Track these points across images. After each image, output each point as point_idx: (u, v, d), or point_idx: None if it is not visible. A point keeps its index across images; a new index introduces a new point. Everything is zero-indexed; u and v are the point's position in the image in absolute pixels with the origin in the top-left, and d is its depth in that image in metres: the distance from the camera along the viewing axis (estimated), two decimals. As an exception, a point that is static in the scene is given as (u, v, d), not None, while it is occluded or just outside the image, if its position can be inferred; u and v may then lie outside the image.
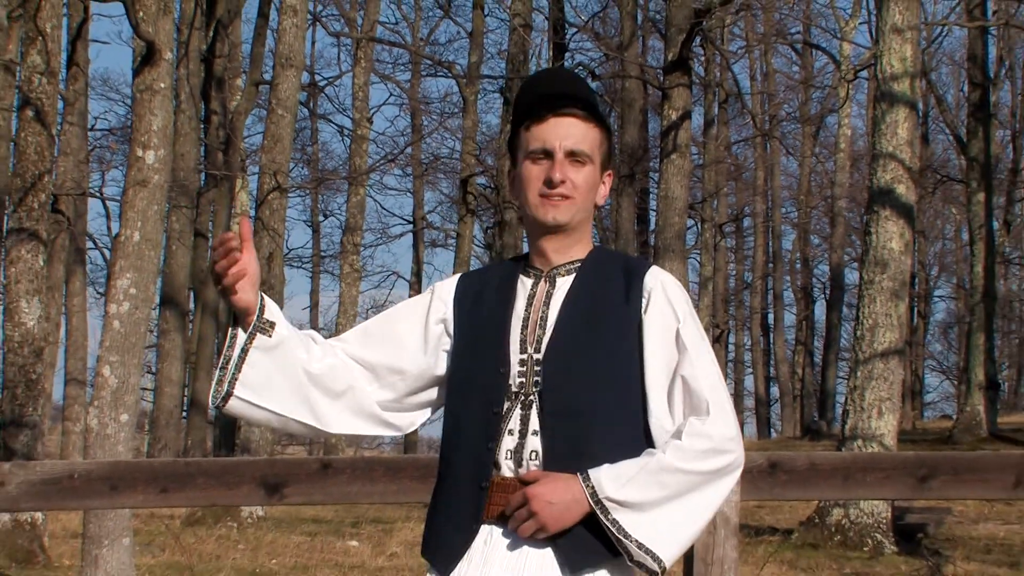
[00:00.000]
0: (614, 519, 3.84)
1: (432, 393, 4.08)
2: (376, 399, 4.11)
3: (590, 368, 3.93)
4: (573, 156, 3.87)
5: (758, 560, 16.28)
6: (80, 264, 32.91)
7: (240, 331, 3.80)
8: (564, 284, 4.00)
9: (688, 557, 6.95)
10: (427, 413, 4.16)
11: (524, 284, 4.03)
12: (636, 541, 3.86)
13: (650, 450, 3.96)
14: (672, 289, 3.98)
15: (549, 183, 3.82)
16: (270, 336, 3.82)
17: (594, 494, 3.81)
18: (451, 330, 4.01)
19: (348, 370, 4.08)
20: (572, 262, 4.00)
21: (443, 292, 4.08)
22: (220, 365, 3.93)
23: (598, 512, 3.85)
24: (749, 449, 6.35)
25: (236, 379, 3.88)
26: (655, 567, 3.91)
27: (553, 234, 3.93)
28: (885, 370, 19.30)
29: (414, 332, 4.08)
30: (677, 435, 3.93)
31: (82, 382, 29.80)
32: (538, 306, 4.02)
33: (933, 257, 48.07)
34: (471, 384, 3.98)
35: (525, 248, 4.36)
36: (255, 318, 3.78)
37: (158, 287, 20.13)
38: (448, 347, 4.02)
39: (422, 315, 4.08)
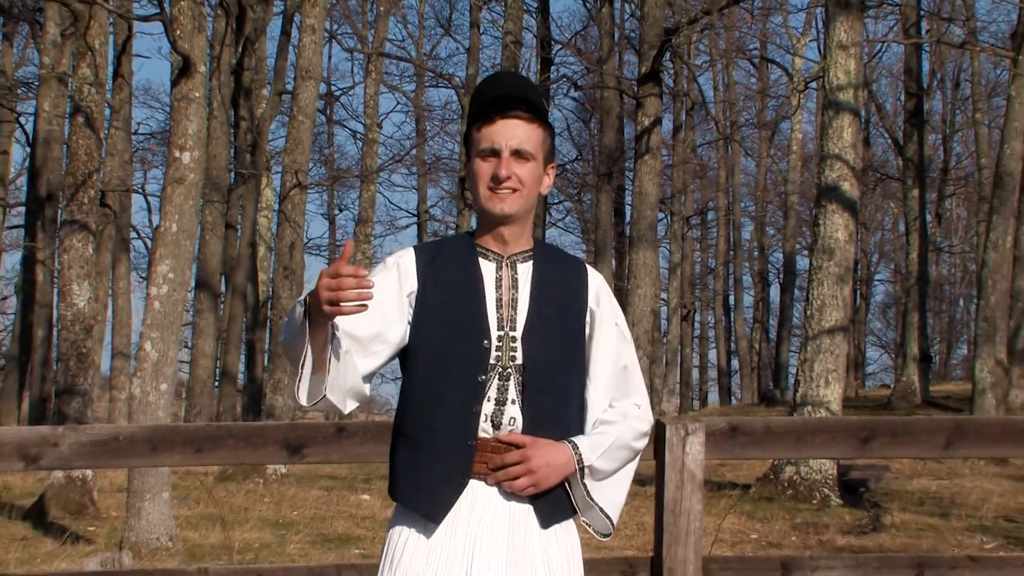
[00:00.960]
0: (587, 483, 4.09)
1: (389, 359, 4.16)
2: (362, 371, 4.15)
3: (560, 349, 4.12)
4: (518, 154, 4.03)
5: (720, 512, 16.60)
6: (125, 252, 33.73)
7: (332, 339, 3.86)
8: (524, 270, 4.16)
9: (658, 509, 7.07)
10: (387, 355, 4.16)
11: (488, 267, 4.15)
12: (599, 506, 4.14)
13: (606, 426, 4.17)
14: (607, 287, 4.25)
15: (496, 179, 3.99)
16: (342, 347, 3.94)
17: (580, 460, 4.04)
18: (414, 302, 4.10)
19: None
20: (525, 251, 4.17)
21: (406, 266, 4.14)
22: (305, 367, 3.94)
23: (579, 476, 4.08)
24: (712, 415, 7.29)
25: (327, 380, 3.96)
26: (609, 529, 4.20)
27: (504, 224, 4.08)
28: (831, 345, 19.84)
29: (391, 304, 4.12)
30: (621, 416, 4.19)
31: (126, 355, 30.86)
32: (507, 289, 4.14)
33: (874, 246, 50.80)
34: (453, 355, 4.07)
35: None
36: (332, 331, 3.85)
37: (193, 272, 20.34)
38: (410, 317, 4.10)
39: (395, 289, 4.13)
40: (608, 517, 4.13)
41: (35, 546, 16.39)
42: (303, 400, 3.91)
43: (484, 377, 4.00)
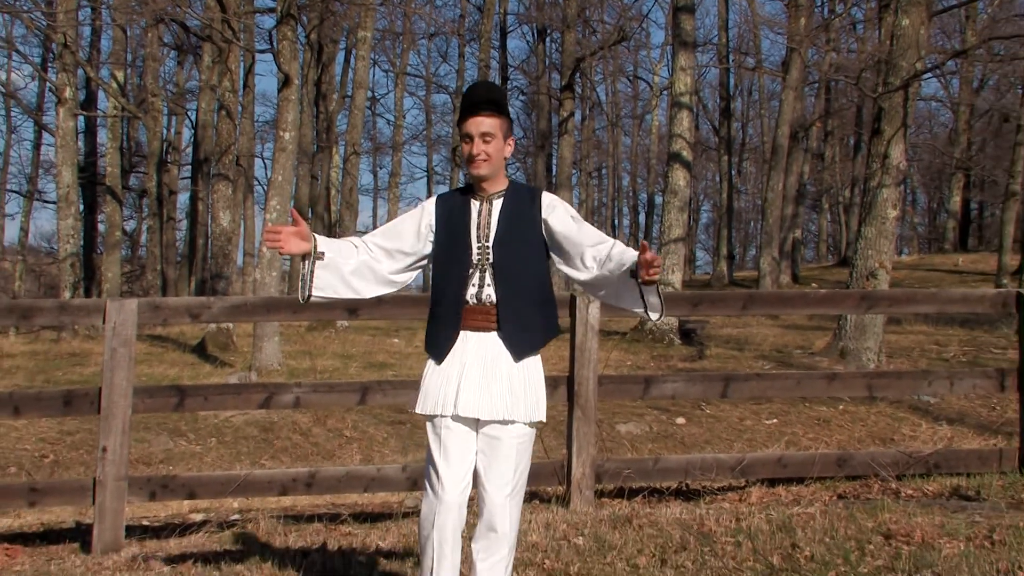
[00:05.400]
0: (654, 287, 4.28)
1: (419, 264, 4.57)
2: (389, 270, 4.54)
3: (518, 251, 4.40)
4: (484, 137, 4.36)
5: (608, 348, 17.92)
6: (250, 192, 40.98)
7: (307, 261, 4.41)
8: (497, 203, 4.47)
9: (572, 347, 7.37)
10: (415, 274, 4.60)
11: (474, 204, 4.48)
12: (658, 295, 4.35)
13: (585, 260, 4.40)
14: (558, 199, 4.54)
15: (471, 155, 4.38)
16: (323, 260, 4.40)
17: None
18: (434, 228, 4.48)
19: (373, 257, 4.52)
20: (499, 191, 4.49)
21: (429, 207, 4.53)
22: (300, 280, 4.47)
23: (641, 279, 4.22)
24: None
25: (310, 286, 4.43)
26: (662, 311, 4.42)
27: (481, 180, 4.45)
28: (675, 249, 21.42)
29: (411, 230, 4.51)
30: (610, 246, 4.38)
31: (251, 255, 37.12)
32: (484, 215, 4.44)
33: (701, 190, 61.84)
34: (450, 258, 4.43)
35: None
36: (312, 253, 4.39)
37: (290, 204, 21.44)
38: (432, 238, 4.49)
39: (416, 221, 4.51)
40: (661, 300, 4.38)
41: (198, 369, 18.08)
42: (300, 299, 4.47)
43: (469, 271, 4.38)
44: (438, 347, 4.37)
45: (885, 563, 5.42)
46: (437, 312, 4.42)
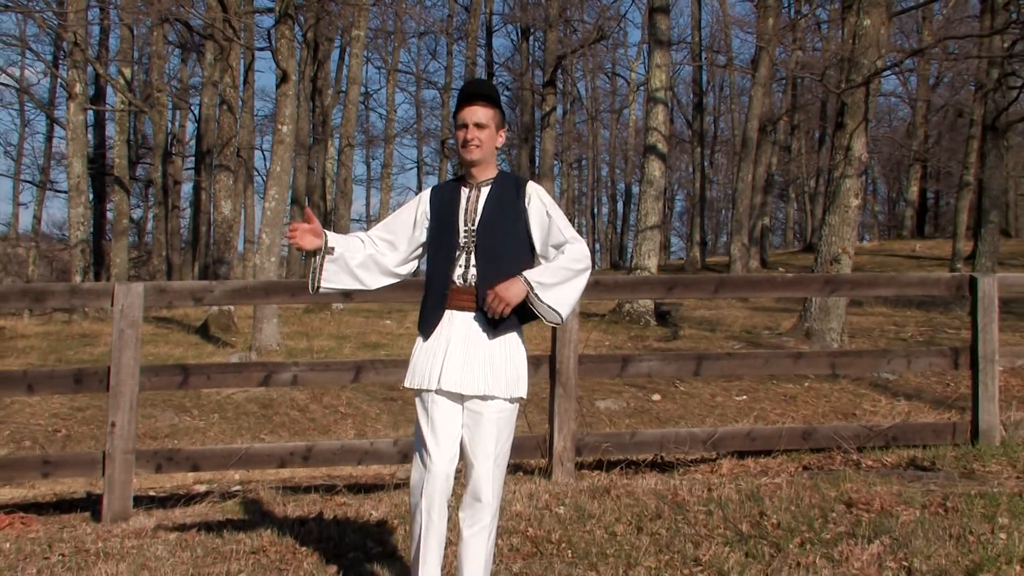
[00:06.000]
0: (536, 292, 4.23)
1: (418, 252, 4.60)
2: (392, 263, 4.57)
3: (501, 235, 4.39)
4: (478, 125, 4.40)
5: (588, 329, 18.31)
6: (250, 182, 40.49)
7: (318, 255, 4.47)
8: (485, 191, 4.47)
9: (552, 329, 7.32)
10: (416, 263, 4.64)
11: (464, 191, 4.50)
12: (548, 305, 4.26)
13: (546, 260, 4.35)
14: (541, 191, 4.51)
15: (465, 141, 4.41)
16: (333, 255, 4.47)
17: (527, 280, 4.22)
18: (429, 216, 4.53)
19: (378, 251, 4.56)
20: (488, 179, 4.49)
21: (424, 197, 4.59)
22: (311, 272, 4.52)
23: (531, 289, 4.23)
24: None
25: (320, 278, 4.50)
26: (557, 319, 4.34)
27: (473, 166, 4.46)
28: (651, 236, 21.27)
29: (409, 220, 4.56)
30: (561, 252, 4.34)
31: (251, 241, 36.89)
32: (472, 202, 4.45)
33: (675, 180, 61.21)
34: (440, 243, 4.45)
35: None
36: (323, 248, 4.47)
37: (289, 194, 22.47)
38: (427, 226, 4.53)
39: (414, 211, 4.57)
40: (556, 311, 4.30)
41: (201, 349, 18.06)
42: (310, 290, 4.56)
43: (456, 253, 4.40)
44: (426, 325, 4.38)
45: (847, 530, 5.45)
46: (428, 293, 4.42)
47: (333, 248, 4.43)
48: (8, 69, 42.82)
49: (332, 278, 4.47)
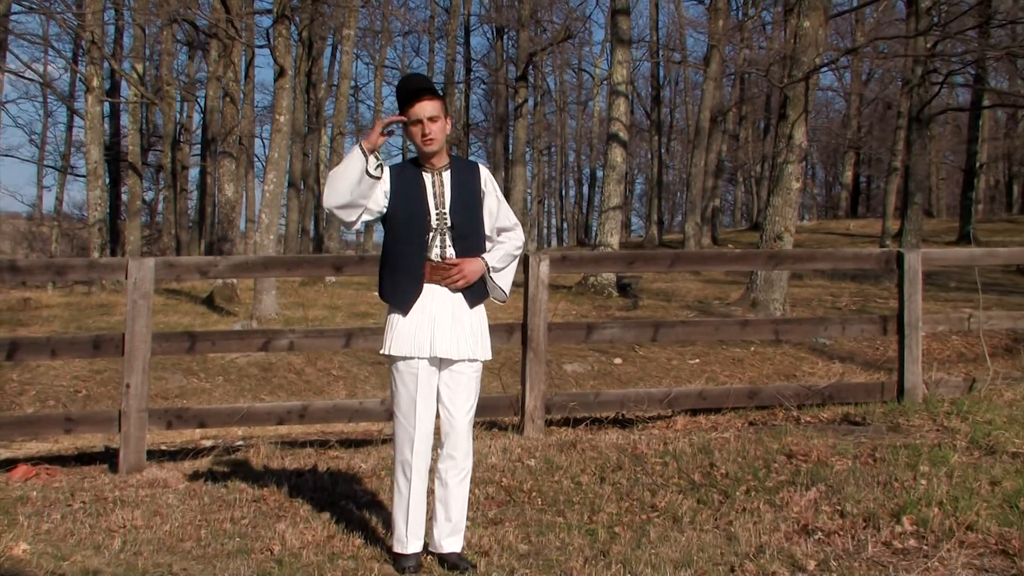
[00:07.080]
0: (491, 275, 4.43)
1: (369, 218, 4.42)
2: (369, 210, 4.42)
3: (471, 214, 4.43)
4: (430, 118, 4.32)
5: (557, 300, 17.89)
6: (251, 167, 38.87)
7: (371, 160, 4.28)
8: (446, 176, 4.45)
9: (525, 298, 7.37)
10: (372, 215, 4.43)
11: (426, 176, 4.44)
12: (499, 286, 4.49)
13: (497, 245, 4.50)
14: (491, 177, 4.55)
15: (423, 135, 4.34)
16: (378, 176, 4.33)
17: (487, 264, 4.40)
18: (388, 195, 4.40)
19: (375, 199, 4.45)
20: (445, 164, 4.47)
21: (384, 176, 4.41)
22: (367, 172, 4.29)
23: (489, 271, 4.43)
24: (552, 251, 8.73)
25: (373, 173, 4.32)
26: (503, 297, 4.54)
27: (431, 156, 4.41)
28: (614, 216, 21.19)
29: (379, 189, 4.38)
30: (506, 238, 4.52)
31: (252, 221, 37.30)
32: (438, 186, 4.42)
33: (635, 165, 60.18)
34: (410, 222, 4.39)
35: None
36: (378, 164, 4.33)
37: (286, 179, 22.93)
38: (387, 198, 4.40)
39: (379, 184, 4.40)
40: (503, 291, 4.52)
41: (207, 318, 17.91)
42: (330, 203, 4.30)
43: (429, 234, 4.38)
44: (403, 299, 4.35)
45: (787, 478, 5.48)
46: (399, 268, 4.38)
47: (379, 177, 4.30)
48: (33, 65, 42.87)
49: (367, 192, 4.27)
